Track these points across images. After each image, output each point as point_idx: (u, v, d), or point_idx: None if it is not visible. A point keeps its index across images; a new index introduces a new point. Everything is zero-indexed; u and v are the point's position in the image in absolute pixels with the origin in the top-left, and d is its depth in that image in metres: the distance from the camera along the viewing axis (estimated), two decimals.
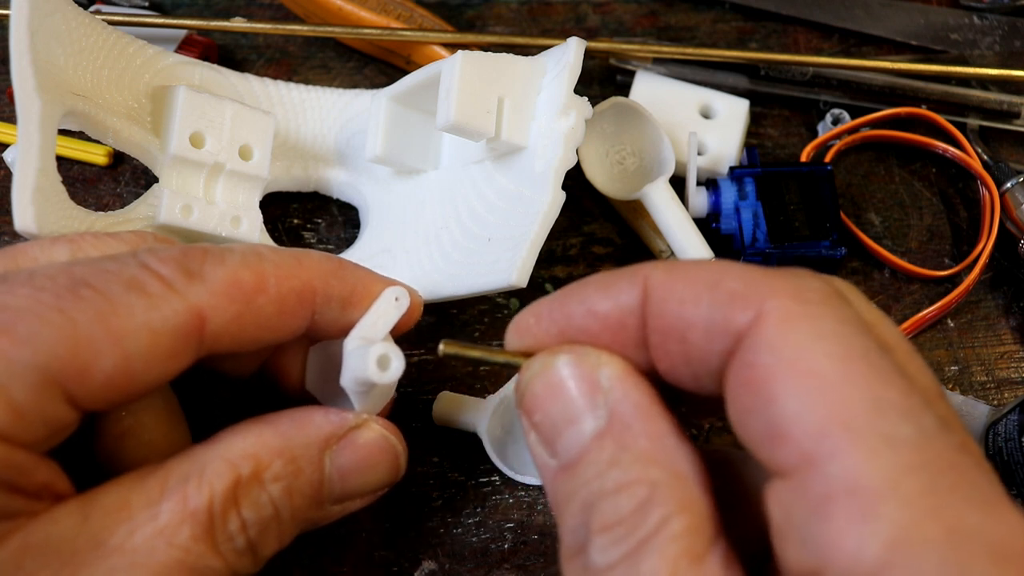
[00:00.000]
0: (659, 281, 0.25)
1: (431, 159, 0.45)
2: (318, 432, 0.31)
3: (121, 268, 0.28)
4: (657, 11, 0.55)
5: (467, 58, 0.39)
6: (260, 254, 0.30)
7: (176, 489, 0.28)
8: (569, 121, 0.39)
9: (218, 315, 0.28)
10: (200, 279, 0.28)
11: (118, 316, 0.26)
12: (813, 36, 0.54)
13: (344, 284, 0.32)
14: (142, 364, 0.27)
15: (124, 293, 0.27)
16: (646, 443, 0.24)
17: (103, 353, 0.26)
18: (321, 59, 0.52)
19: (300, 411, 0.32)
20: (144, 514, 0.27)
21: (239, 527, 0.28)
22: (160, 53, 0.44)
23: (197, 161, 0.42)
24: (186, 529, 0.27)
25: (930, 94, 0.50)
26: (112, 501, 0.27)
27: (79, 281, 0.27)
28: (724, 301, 0.23)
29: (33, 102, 0.36)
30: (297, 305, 0.31)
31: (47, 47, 0.38)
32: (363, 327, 0.32)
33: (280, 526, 0.30)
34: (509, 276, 0.37)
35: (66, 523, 0.26)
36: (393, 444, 0.33)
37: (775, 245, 0.44)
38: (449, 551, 0.39)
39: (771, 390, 0.22)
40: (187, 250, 0.29)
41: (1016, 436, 0.38)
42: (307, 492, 0.30)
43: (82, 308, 0.26)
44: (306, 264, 0.31)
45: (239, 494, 0.28)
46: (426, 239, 0.42)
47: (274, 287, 0.30)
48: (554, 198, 0.38)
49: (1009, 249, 0.47)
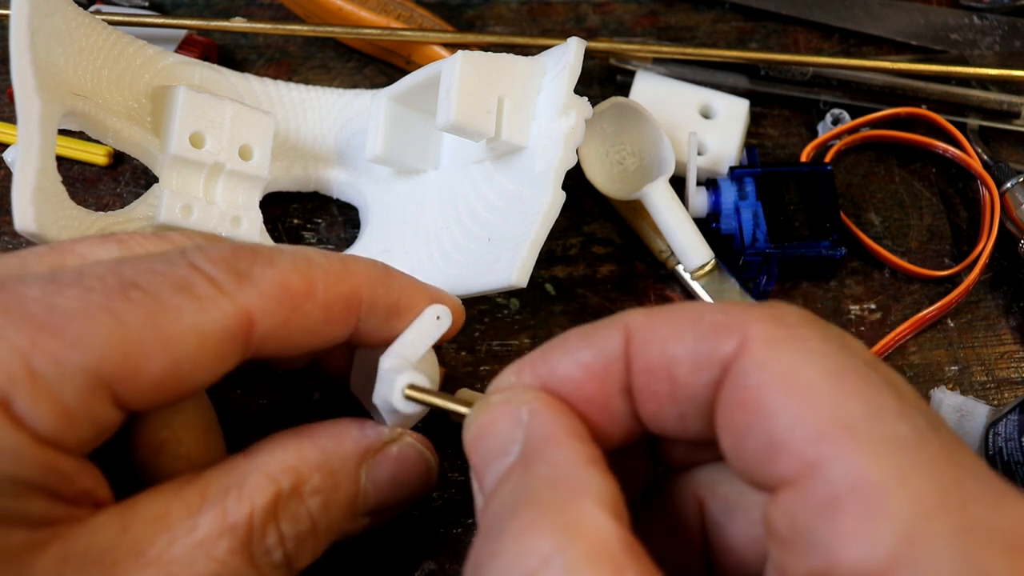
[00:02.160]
0: (640, 324, 0.25)
1: (431, 159, 0.45)
2: (355, 446, 0.31)
3: (170, 269, 0.27)
4: (657, 11, 0.55)
5: (467, 58, 0.39)
6: (309, 258, 0.30)
7: (216, 501, 0.27)
8: (569, 121, 0.39)
9: (266, 318, 0.28)
10: (250, 281, 0.28)
11: (167, 318, 0.26)
12: (813, 36, 0.54)
13: (390, 293, 0.32)
14: (190, 366, 0.27)
15: (173, 295, 0.26)
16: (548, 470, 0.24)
17: (152, 356, 0.26)
18: (321, 59, 0.52)
19: (337, 424, 0.32)
20: (184, 525, 0.27)
21: (277, 541, 0.28)
22: (160, 53, 0.44)
23: (197, 161, 0.42)
24: (224, 542, 0.27)
25: (930, 94, 0.50)
26: (152, 511, 0.27)
27: (128, 282, 0.26)
28: (708, 333, 0.24)
29: (33, 102, 0.36)
30: (344, 312, 0.30)
31: (47, 47, 0.38)
32: (402, 344, 0.32)
33: (316, 539, 0.30)
34: (509, 276, 0.37)
35: (106, 532, 0.26)
36: (427, 458, 0.33)
37: (775, 245, 0.44)
38: (449, 551, 0.39)
39: (766, 406, 0.22)
40: (237, 250, 0.29)
41: (1016, 436, 0.38)
42: (343, 505, 0.30)
43: (132, 310, 0.26)
44: (354, 270, 0.31)
45: (279, 508, 0.28)
46: (426, 239, 0.42)
47: (322, 293, 0.30)
48: (554, 198, 0.38)
49: (1009, 249, 0.47)
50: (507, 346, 0.44)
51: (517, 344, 0.44)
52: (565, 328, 0.44)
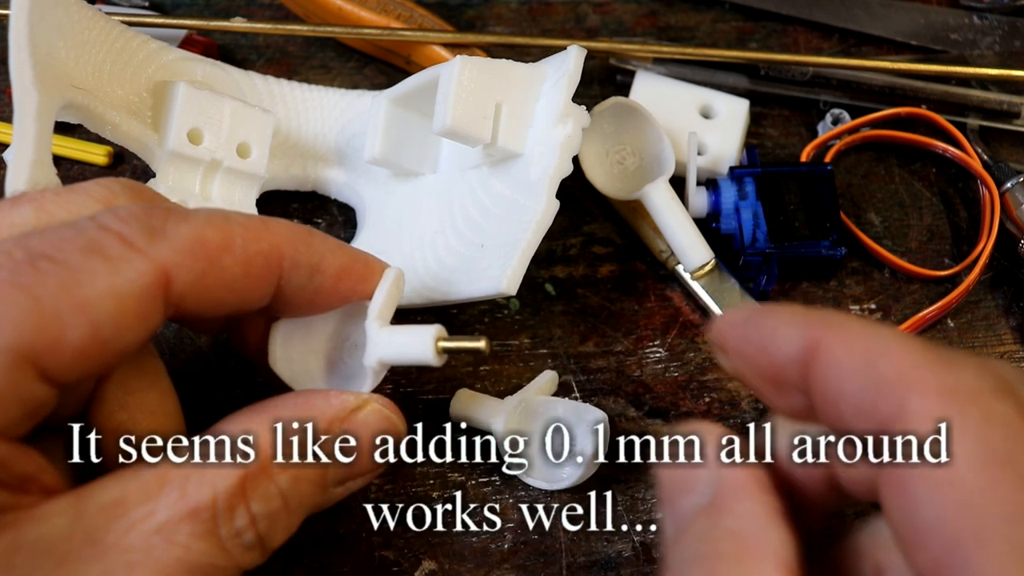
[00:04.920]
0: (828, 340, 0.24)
1: (429, 162, 0.45)
2: (321, 417, 0.31)
3: (78, 234, 0.27)
4: (657, 11, 0.55)
5: (466, 63, 0.39)
6: (226, 215, 0.30)
7: (176, 484, 0.27)
8: (566, 130, 0.39)
9: (183, 273, 0.28)
10: (163, 236, 0.28)
11: (81, 284, 0.26)
12: (813, 36, 0.54)
13: (312, 251, 0.32)
14: (111, 330, 0.26)
15: (84, 260, 0.26)
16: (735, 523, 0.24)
17: (70, 324, 0.25)
18: (321, 59, 0.52)
19: (299, 396, 0.31)
20: (140, 510, 0.26)
21: (248, 522, 0.28)
22: (163, 48, 0.44)
23: (194, 157, 0.42)
24: (186, 526, 0.26)
25: (930, 94, 0.50)
26: (108, 497, 0.26)
27: (36, 254, 0.26)
28: (874, 386, 0.23)
29: (30, 95, 0.35)
30: (264, 268, 0.30)
31: (48, 40, 0.38)
32: (377, 308, 0.33)
33: (288, 516, 0.29)
34: (499, 283, 0.37)
35: (59, 520, 0.26)
36: (395, 422, 0.33)
37: (775, 245, 0.44)
38: (449, 551, 0.39)
39: (913, 496, 0.22)
40: (149, 208, 0.28)
41: None
42: (313, 479, 0.30)
43: (43, 282, 0.25)
44: (274, 228, 0.31)
45: (247, 488, 0.28)
46: (421, 243, 0.42)
47: (240, 248, 0.29)
48: (548, 206, 0.38)
49: (1009, 249, 0.47)
50: (507, 346, 0.44)
51: (517, 344, 0.44)
52: (565, 328, 0.45)
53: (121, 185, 0.31)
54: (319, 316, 0.35)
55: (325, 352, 0.36)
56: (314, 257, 0.32)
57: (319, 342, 0.36)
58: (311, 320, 0.35)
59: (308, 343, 0.35)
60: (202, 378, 0.41)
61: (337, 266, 0.32)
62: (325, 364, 0.36)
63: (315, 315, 0.34)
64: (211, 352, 0.42)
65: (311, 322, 0.35)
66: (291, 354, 0.35)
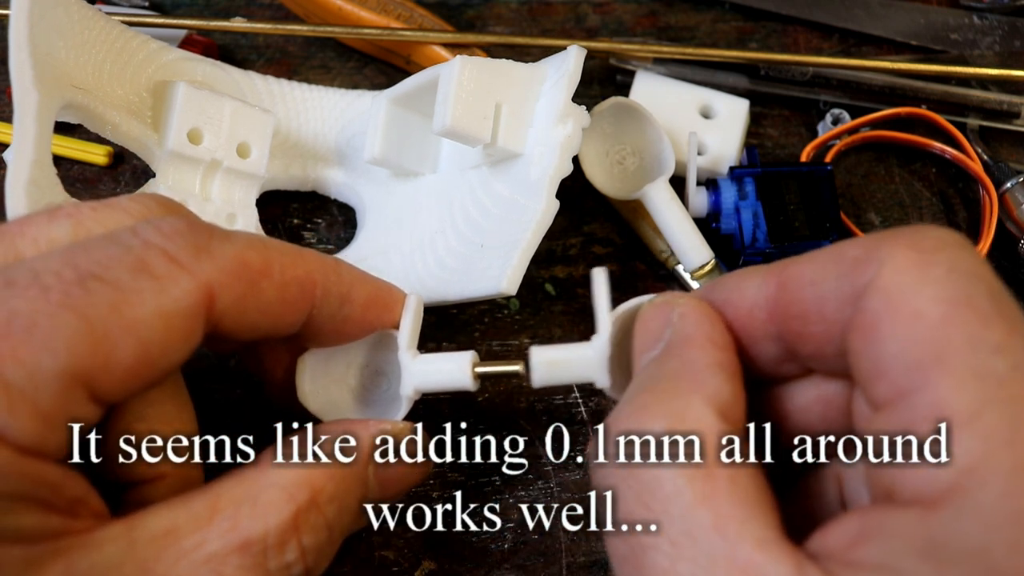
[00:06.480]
0: (792, 271, 0.26)
1: (429, 163, 0.45)
2: (361, 446, 0.31)
3: (125, 251, 0.27)
4: (657, 11, 0.55)
5: (465, 63, 0.39)
6: (264, 240, 0.30)
7: (227, 515, 0.27)
8: (566, 130, 0.39)
9: (225, 294, 0.28)
10: (208, 255, 0.28)
11: (130, 305, 0.26)
12: (813, 36, 0.54)
13: (342, 281, 0.32)
14: (159, 350, 0.26)
15: (133, 279, 0.26)
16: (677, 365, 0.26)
17: (121, 345, 0.25)
18: (321, 59, 0.52)
19: (340, 425, 0.32)
20: (191, 540, 0.26)
21: (298, 555, 0.28)
22: (163, 48, 0.44)
23: (194, 157, 0.42)
24: (235, 559, 0.26)
25: (930, 94, 0.50)
26: (159, 526, 0.26)
27: (85, 273, 0.26)
28: (848, 269, 0.25)
29: (30, 95, 0.36)
30: (299, 295, 0.30)
31: (48, 39, 0.38)
32: (407, 338, 0.33)
33: (332, 546, 0.30)
34: (499, 283, 0.37)
35: (111, 548, 0.25)
36: (426, 448, 0.33)
37: (775, 245, 0.44)
38: (449, 551, 0.39)
39: (877, 332, 0.23)
40: (193, 224, 0.29)
41: None
42: (354, 507, 0.30)
43: (93, 302, 0.25)
44: (308, 257, 0.31)
45: (300, 521, 0.28)
46: (421, 243, 0.42)
47: (279, 273, 0.30)
48: (547, 206, 0.38)
49: (1009, 249, 0.47)
50: (507, 346, 0.44)
51: (517, 344, 0.44)
52: (565, 328, 0.44)
53: (156, 201, 0.31)
54: (342, 347, 0.35)
55: (352, 382, 0.36)
56: (344, 287, 0.32)
57: (345, 372, 0.36)
58: (334, 351, 0.35)
59: (333, 374, 0.36)
60: (202, 378, 0.41)
61: (365, 295, 0.33)
62: (353, 394, 0.36)
63: (339, 345, 0.34)
64: (211, 352, 0.42)
65: (334, 353, 0.35)
66: (318, 386, 0.35)
